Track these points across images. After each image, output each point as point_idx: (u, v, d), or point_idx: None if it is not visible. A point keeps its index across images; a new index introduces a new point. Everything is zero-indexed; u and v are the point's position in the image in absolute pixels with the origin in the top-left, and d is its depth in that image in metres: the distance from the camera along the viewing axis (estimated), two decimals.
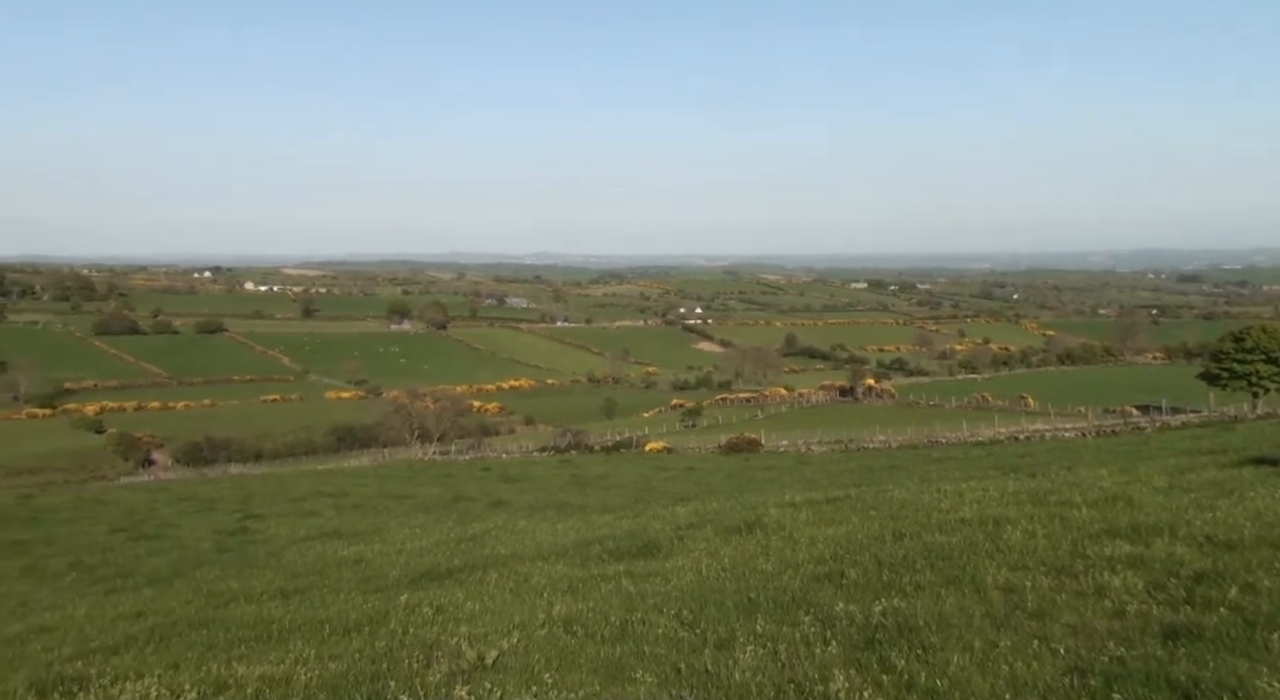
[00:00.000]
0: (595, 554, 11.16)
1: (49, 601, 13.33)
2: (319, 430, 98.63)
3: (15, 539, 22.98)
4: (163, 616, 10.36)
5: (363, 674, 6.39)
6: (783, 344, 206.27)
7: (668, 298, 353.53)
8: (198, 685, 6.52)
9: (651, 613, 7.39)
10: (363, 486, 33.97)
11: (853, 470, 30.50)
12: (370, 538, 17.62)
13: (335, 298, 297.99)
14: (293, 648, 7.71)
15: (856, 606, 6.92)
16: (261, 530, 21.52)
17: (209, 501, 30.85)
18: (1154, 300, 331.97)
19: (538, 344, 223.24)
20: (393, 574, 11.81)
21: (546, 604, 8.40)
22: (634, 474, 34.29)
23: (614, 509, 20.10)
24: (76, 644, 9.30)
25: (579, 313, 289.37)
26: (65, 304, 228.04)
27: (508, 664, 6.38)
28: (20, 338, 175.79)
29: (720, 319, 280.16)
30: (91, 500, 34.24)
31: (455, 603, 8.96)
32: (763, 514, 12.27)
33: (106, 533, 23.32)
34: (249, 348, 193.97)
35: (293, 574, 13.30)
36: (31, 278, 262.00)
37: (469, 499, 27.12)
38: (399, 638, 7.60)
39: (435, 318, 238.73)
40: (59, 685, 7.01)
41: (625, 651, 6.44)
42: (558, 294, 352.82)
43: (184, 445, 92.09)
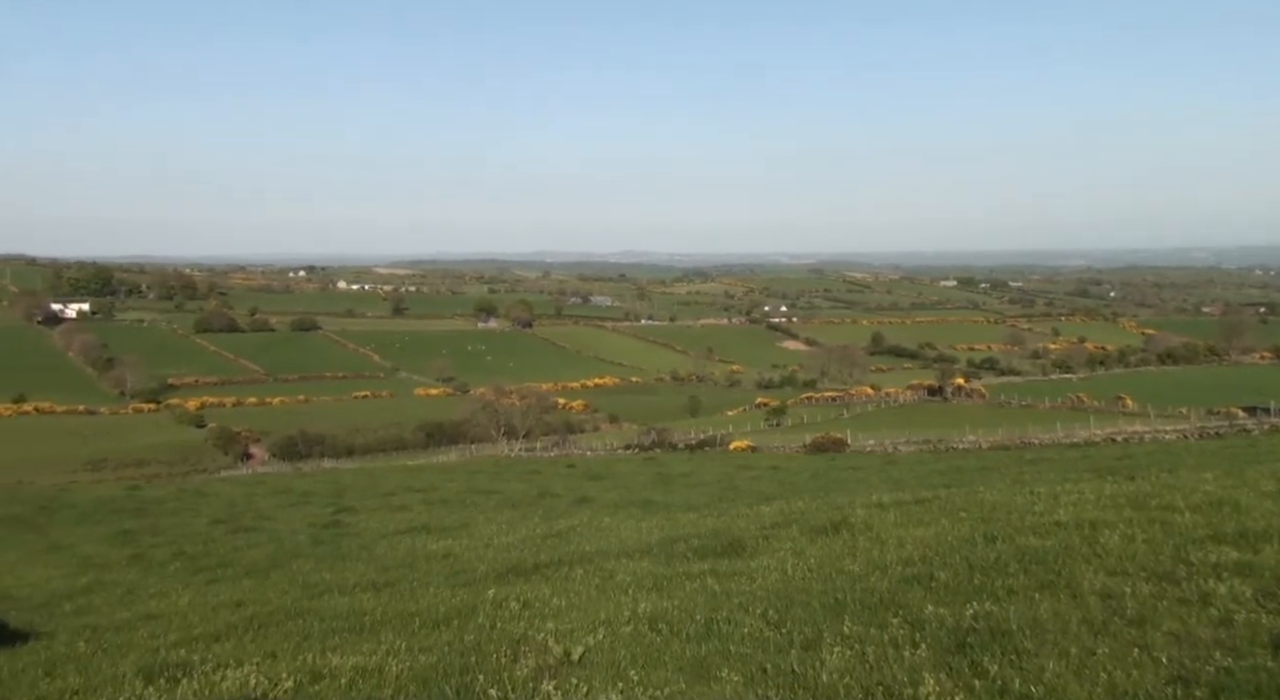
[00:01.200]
0: (680, 552, 11.15)
1: (155, 589, 13.82)
2: (408, 426, 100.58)
3: (124, 529, 23.90)
4: (261, 606, 10.66)
5: (452, 667, 6.48)
6: (869, 343, 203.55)
7: (752, 296, 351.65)
8: (294, 674, 6.69)
9: (737, 612, 7.36)
10: (451, 482, 34.49)
11: (942, 471, 29.93)
12: (458, 532, 17.89)
13: (424, 296, 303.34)
14: (384, 639, 7.87)
15: (946, 609, 6.79)
16: (354, 524, 22.00)
17: (304, 495, 31.64)
18: (1262, 297, 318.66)
19: (622, 342, 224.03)
20: (480, 569, 11.96)
21: (631, 601, 8.41)
22: (718, 472, 34.17)
23: (698, 507, 20.06)
24: (180, 631, 9.63)
25: (663, 311, 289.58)
26: (169, 302, 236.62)
27: (594, 660, 6.41)
28: (127, 335, 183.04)
29: (805, 317, 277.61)
30: (193, 492, 35.42)
31: (541, 598, 9.04)
32: (849, 514, 12.11)
33: (207, 524, 24.08)
34: (341, 345, 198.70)
35: (384, 567, 13.57)
36: (138, 277, 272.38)
37: (554, 495, 27.32)
38: (487, 632, 7.69)
39: (521, 316, 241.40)
40: (165, 671, 7.26)
41: (711, 650, 6.42)
42: (642, 292, 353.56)
43: (280, 440, 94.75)
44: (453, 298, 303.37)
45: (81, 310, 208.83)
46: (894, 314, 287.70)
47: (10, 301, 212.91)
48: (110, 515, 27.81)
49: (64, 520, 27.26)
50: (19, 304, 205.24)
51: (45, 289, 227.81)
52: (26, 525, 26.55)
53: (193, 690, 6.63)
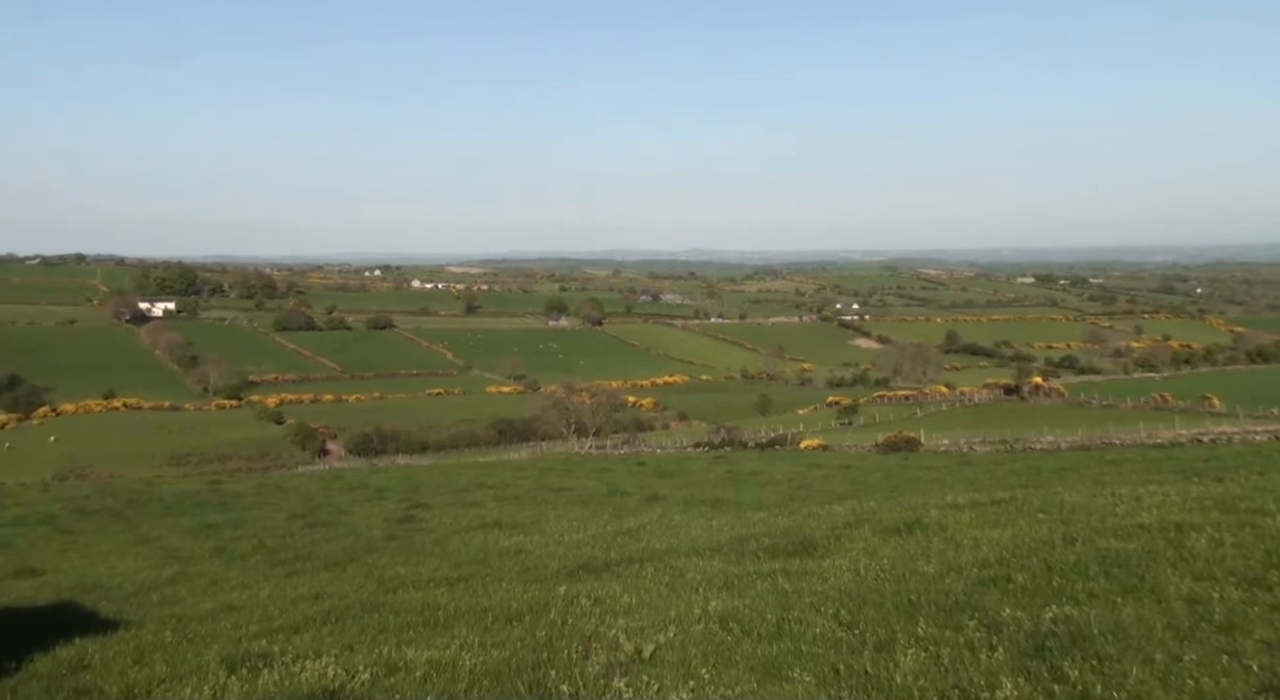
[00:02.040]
0: (750, 551, 11.10)
1: (236, 581, 14.17)
2: (480, 423, 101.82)
3: (207, 522, 24.53)
4: (338, 599, 10.87)
5: (524, 662, 6.54)
6: (943, 341, 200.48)
7: (823, 294, 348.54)
8: (370, 666, 6.81)
9: (808, 612, 7.30)
10: (522, 479, 34.75)
11: (1019, 471, 29.31)
12: (529, 529, 18.01)
13: (496, 295, 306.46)
14: (458, 634, 7.96)
15: (1024, 612, 6.65)
16: (427, 519, 22.28)
17: (378, 490, 32.13)
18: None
19: (691, 340, 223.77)
20: (551, 565, 12.04)
21: (702, 599, 8.40)
22: (788, 471, 33.90)
23: (768, 506, 19.93)
24: (261, 622, 9.85)
25: (733, 309, 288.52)
26: (250, 301, 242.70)
27: (665, 658, 6.41)
28: (210, 333, 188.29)
29: (878, 315, 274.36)
30: (273, 487, 36.22)
31: (612, 595, 9.06)
32: (923, 514, 11.93)
33: (286, 518, 24.59)
34: (415, 343, 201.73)
35: (456, 562, 13.73)
36: (220, 277, 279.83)
37: (624, 493, 27.36)
38: (558, 628, 7.74)
39: (591, 314, 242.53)
40: (246, 661, 7.45)
41: (782, 650, 6.38)
42: (712, 290, 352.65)
43: (356, 436, 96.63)
44: (524, 296, 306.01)
45: (167, 309, 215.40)
46: (969, 312, 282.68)
47: (101, 300, 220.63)
48: (194, 509, 28.58)
49: (151, 513, 28.09)
50: (109, 303, 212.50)
51: (133, 288, 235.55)
52: (117, 517, 27.43)
53: (273, 681, 6.78)
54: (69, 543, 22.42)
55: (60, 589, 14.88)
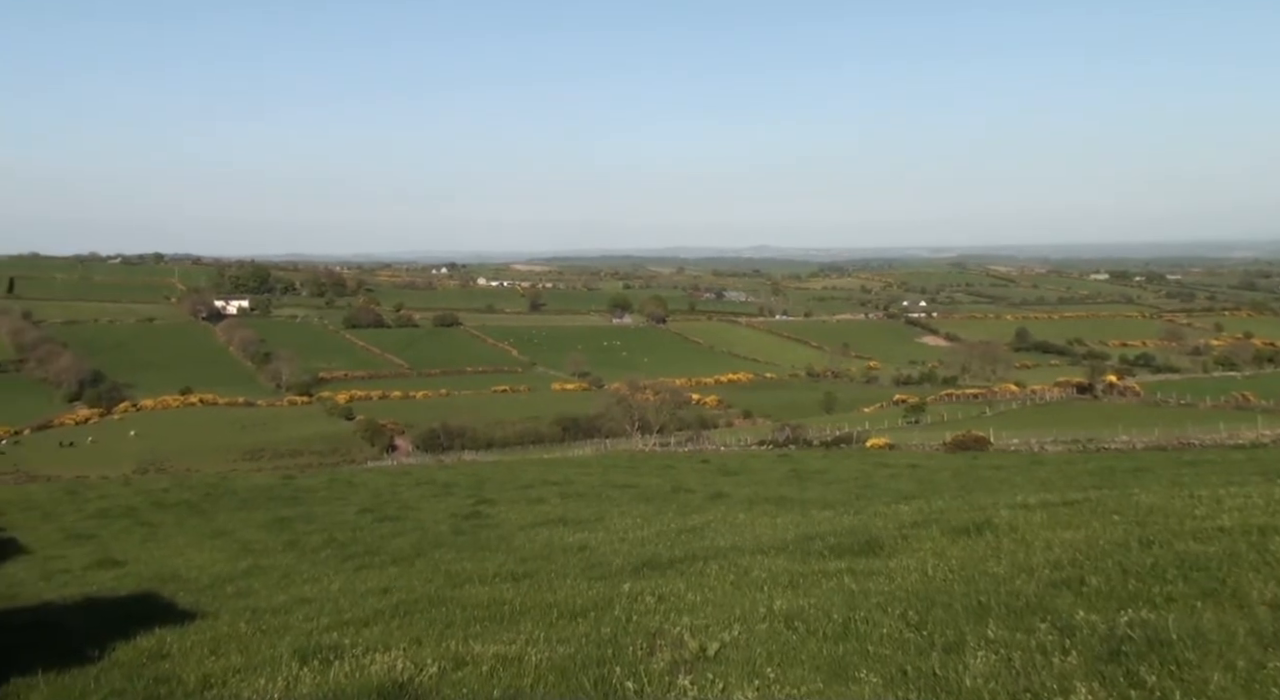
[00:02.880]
0: (816, 549, 11.02)
1: (308, 574, 14.44)
2: (545, 420, 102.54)
3: (280, 516, 25.07)
4: (406, 593, 11.02)
5: (589, 658, 6.57)
6: (1014, 338, 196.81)
7: (890, 291, 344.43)
8: (438, 660, 6.90)
9: (875, 612, 7.22)
10: (586, 475, 34.90)
11: (1092, 471, 28.66)
12: (594, 525, 18.08)
13: (560, 292, 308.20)
14: (523, 629, 8.03)
15: (1099, 616, 6.50)
16: (493, 515, 22.49)
17: (445, 486, 32.52)
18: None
19: (756, 338, 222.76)
20: (616, 562, 12.07)
21: (767, 598, 8.36)
22: (854, 470, 33.56)
23: (834, 505, 19.76)
24: (332, 615, 10.04)
25: (798, 306, 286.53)
26: (320, 299, 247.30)
27: (729, 656, 6.39)
28: (283, 330, 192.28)
29: (946, 312, 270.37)
30: (343, 482, 36.88)
31: (677, 593, 9.06)
32: (993, 515, 11.73)
33: (356, 513, 25.02)
34: (481, 340, 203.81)
35: (522, 558, 13.84)
36: (292, 275, 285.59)
37: (688, 490, 27.33)
38: (623, 625, 7.76)
39: (655, 312, 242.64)
40: (318, 653, 7.60)
41: (848, 650, 6.32)
42: (776, 287, 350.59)
43: (423, 432, 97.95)
44: (588, 294, 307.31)
45: (241, 307, 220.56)
46: (1040, 309, 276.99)
47: (178, 299, 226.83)
48: (267, 502, 29.23)
49: (226, 506, 28.80)
50: (186, 301, 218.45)
51: (209, 287, 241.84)
52: (194, 510, 28.18)
53: (344, 672, 6.91)
54: (149, 535, 23.09)
55: (141, 580, 15.33)
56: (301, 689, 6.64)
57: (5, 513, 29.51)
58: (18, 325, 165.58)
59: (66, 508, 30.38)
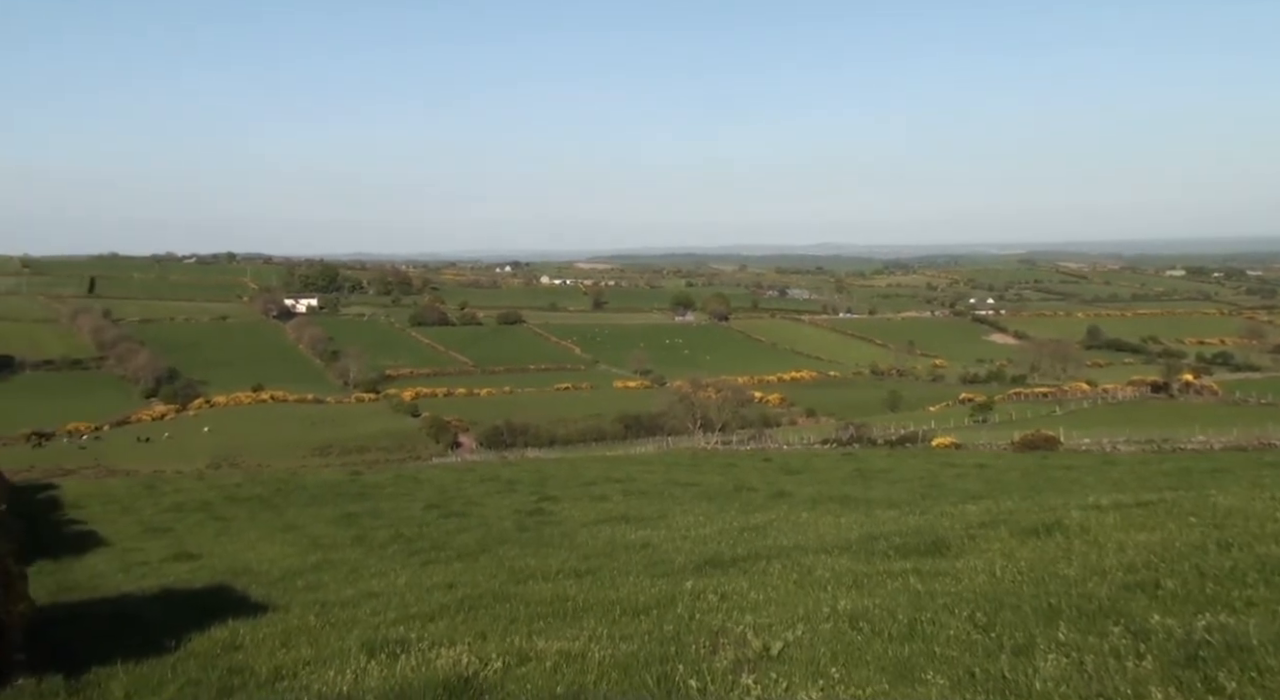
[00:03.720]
0: (880, 549, 10.91)
1: (375, 569, 14.68)
2: (607, 418, 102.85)
3: (347, 511, 25.54)
4: (470, 589, 11.14)
5: (652, 656, 6.58)
6: (1085, 336, 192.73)
7: (956, 288, 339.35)
8: (503, 655, 6.96)
9: (941, 613, 7.12)
10: (649, 473, 34.95)
11: (1167, 473, 27.93)
12: (656, 523, 18.10)
13: (623, 290, 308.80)
14: (586, 626, 8.07)
15: (1175, 620, 6.33)
16: (556, 512, 22.64)
17: (509, 483, 32.83)
18: None
19: (819, 335, 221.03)
20: (678, 560, 12.07)
21: (831, 598, 8.29)
22: (920, 469, 33.13)
23: (899, 504, 19.53)
24: (398, 610, 10.19)
25: (862, 304, 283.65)
26: (387, 298, 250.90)
27: (793, 655, 6.35)
28: (350, 328, 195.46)
29: (1014, 310, 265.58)
30: (409, 478, 37.43)
31: (739, 591, 9.04)
32: (1063, 516, 11.50)
33: (422, 508, 25.38)
34: (544, 338, 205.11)
35: (585, 555, 13.91)
36: (360, 274, 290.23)
37: (751, 489, 27.22)
38: (685, 623, 7.76)
39: (717, 309, 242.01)
40: (385, 647, 7.73)
41: (914, 651, 6.24)
42: (840, 285, 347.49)
43: (487, 429, 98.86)
44: (650, 292, 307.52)
45: (310, 305, 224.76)
46: (1113, 306, 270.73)
47: (250, 298, 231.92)
48: (336, 498, 29.78)
49: (296, 501, 29.41)
50: (258, 300, 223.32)
51: (280, 286, 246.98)
52: (265, 505, 28.82)
53: (410, 666, 7.01)
54: (222, 529, 23.67)
55: (214, 572, 15.72)
56: (369, 682, 6.75)
57: (87, 506, 30.47)
58: (98, 323, 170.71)
59: (144, 502, 31.27)
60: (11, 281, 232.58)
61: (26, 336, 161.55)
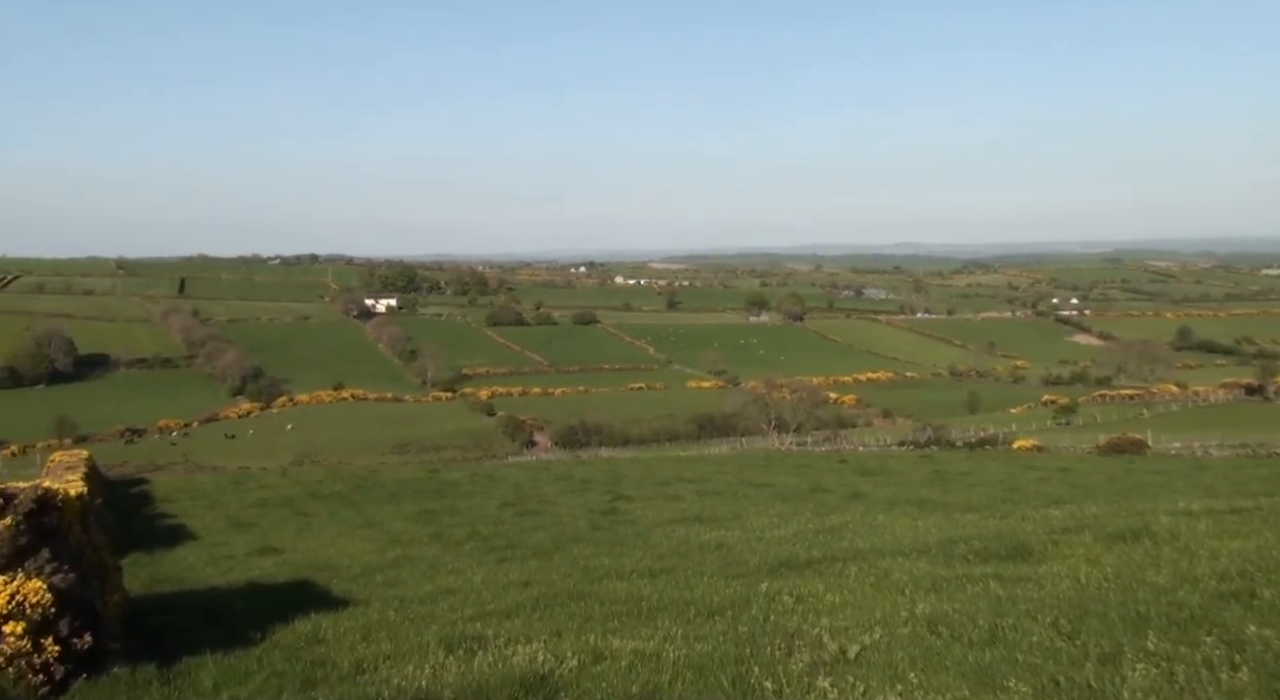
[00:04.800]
0: (959, 553, 10.72)
1: (452, 566, 14.88)
2: (681, 418, 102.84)
3: (426, 508, 25.94)
4: (546, 587, 11.24)
5: (727, 657, 6.55)
6: (1174, 337, 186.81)
7: (1039, 287, 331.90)
8: (578, 653, 7.00)
9: (1024, 619, 6.96)
10: (722, 473, 34.85)
11: (1263, 478, 26.97)
12: (730, 524, 18.04)
13: (697, 290, 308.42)
14: (661, 625, 8.07)
15: (1273, 631, 6.10)
16: (630, 511, 22.71)
17: (583, 482, 33.00)
18: None
19: (896, 336, 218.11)
20: (752, 561, 12.02)
21: (909, 601, 8.18)
22: (1000, 472, 32.48)
23: (978, 508, 19.18)
24: (475, 606, 10.31)
25: (940, 304, 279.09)
26: (464, 298, 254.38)
27: (870, 659, 6.27)
28: (428, 328, 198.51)
29: (1099, 310, 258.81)
30: (485, 476, 37.87)
31: (815, 593, 8.96)
32: (1152, 522, 11.17)
33: (497, 506, 25.67)
34: (618, 338, 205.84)
35: (659, 554, 13.92)
36: (437, 274, 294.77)
37: (826, 490, 26.98)
38: (760, 624, 7.72)
39: (792, 309, 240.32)
40: (463, 643, 7.83)
41: (995, 657, 6.11)
42: (918, 284, 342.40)
43: (561, 428, 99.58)
44: (724, 291, 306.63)
45: (390, 305, 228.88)
46: (1204, 306, 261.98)
47: (331, 298, 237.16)
48: (414, 495, 30.27)
49: (376, 498, 29.96)
50: (339, 300, 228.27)
51: (360, 286, 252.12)
52: (346, 502, 29.41)
53: (487, 662, 7.09)
54: (304, 524, 24.22)
55: (297, 567, 16.09)
56: (447, 677, 6.84)
57: (176, 500, 31.43)
58: (188, 323, 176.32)
59: (230, 497, 32.14)
60: (107, 282, 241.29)
61: (121, 335, 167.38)
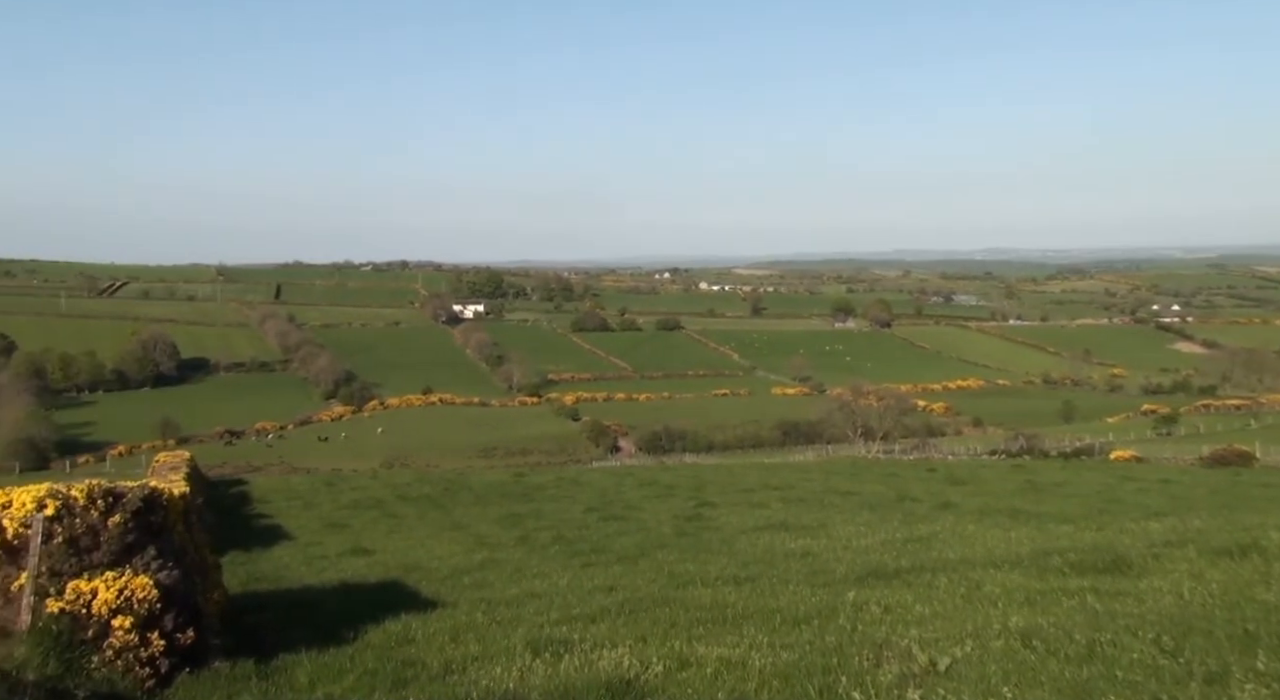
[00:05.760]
0: (1054, 566, 10.45)
1: (537, 569, 15.02)
2: (765, 424, 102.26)
3: (512, 512, 26.25)
4: (630, 592, 11.27)
5: (814, 666, 6.49)
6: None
7: (1138, 294, 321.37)
8: (663, 659, 7.01)
9: (1123, 635, 6.75)
10: (807, 481, 34.53)
11: None
12: (816, 532, 17.87)
13: (782, 296, 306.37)
14: (746, 633, 8.03)
15: None
16: (714, 518, 22.65)
17: (667, 487, 33.01)
18: None
19: (987, 343, 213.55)
20: (839, 570, 11.89)
21: (1001, 614, 8.00)
22: (1096, 483, 31.54)
23: (1074, 520, 18.64)
24: (561, 610, 10.39)
25: (1033, 310, 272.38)
26: (549, 303, 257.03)
27: (961, 672, 6.15)
28: (514, 333, 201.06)
29: (1203, 317, 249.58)
30: (570, 480, 38.15)
31: (903, 604, 8.83)
32: (1260, 536, 10.74)
33: (582, 511, 25.83)
34: (702, 344, 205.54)
35: (743, 562, 13.86)
36: (524, 281, 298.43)
37: (914, 499, 26.54)
38: (848, 634, 7.63)
39: (879, 316, 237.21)
40: (549, 646, 7.90)
41: (1093, 674, 5.93)
42: (1010, 291, 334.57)
43: (645, 434, 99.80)
44: (810, 297, 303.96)
45: (477, 311, 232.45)
46: None
47: (421, 303, 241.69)
48: (500, 499, 30.65)
49: (463, 501, 30.41)
50: (428, 306, 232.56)
51: (448, 292, 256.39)
52: (434, 504, 29.92)
53: (573, 666, 7.14)
54: (394, 526, 24.71)
55: (387, 568, 16.42)
56: (534, 680, 6.90)
57: (273, 501, 32.36)
58: (284, 328, 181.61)
59: (324, 498, 32.97)
60: (207, 288, 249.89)
61: (221, 340, 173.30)
